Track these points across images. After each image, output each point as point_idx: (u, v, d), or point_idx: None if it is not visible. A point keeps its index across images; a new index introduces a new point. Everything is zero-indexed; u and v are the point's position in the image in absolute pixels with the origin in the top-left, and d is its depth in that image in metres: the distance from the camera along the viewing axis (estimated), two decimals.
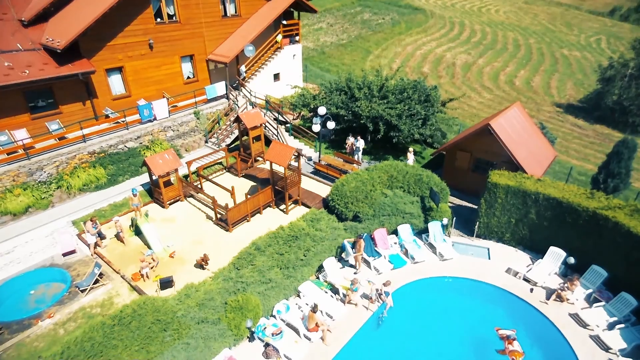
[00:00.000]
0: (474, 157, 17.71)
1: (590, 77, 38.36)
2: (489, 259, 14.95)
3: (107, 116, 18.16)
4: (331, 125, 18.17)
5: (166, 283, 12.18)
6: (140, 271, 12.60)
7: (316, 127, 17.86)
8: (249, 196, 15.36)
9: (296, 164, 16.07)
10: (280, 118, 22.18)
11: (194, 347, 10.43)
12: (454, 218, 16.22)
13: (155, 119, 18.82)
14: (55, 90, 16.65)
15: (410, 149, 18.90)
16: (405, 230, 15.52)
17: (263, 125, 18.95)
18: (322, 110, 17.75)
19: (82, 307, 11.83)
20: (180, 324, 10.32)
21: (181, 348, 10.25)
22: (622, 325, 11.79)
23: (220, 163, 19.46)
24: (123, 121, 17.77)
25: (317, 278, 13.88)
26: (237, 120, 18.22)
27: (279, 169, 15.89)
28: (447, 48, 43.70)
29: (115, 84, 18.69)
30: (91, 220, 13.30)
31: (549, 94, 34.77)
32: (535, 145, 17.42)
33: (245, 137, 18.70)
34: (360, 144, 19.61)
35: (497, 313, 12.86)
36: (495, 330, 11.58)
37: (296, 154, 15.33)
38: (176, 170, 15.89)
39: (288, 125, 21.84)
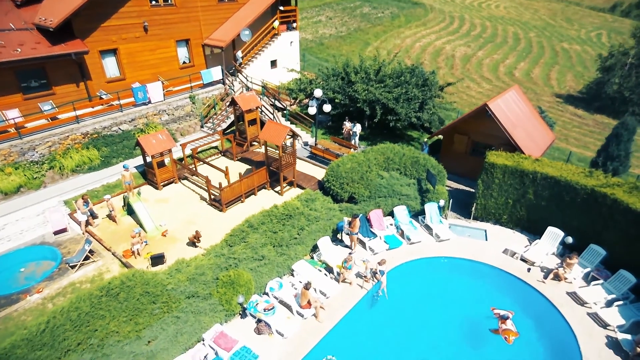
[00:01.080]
0: (471, 140, 17.51)
1: (590, 70, 38.10)
2: (486, 240, 14.76)
3: (100, 98, 17.98)
4: (327, 108, 17.97)
5: (157, 259, 12.00)
6: (131, 248, 12.42)
7: (312, 110, 17.68)
8: (243, 176, 15.16)
9: (291, 145, 15.85)
10: (278, 104, 21.99)
11: (183, 321, 10.26)
12: (451, 199, 16.03)
13: (149, 102, 18.64)
14: (48, 70, 16.48)
15: (425, 139, 18.37)
16: (401, 211, 15.32)
17: (259, 109, 18.76)
18: (318, 93, 17.56)
19: (71, 282, 11.65)
20: (169, 297, 10.14)
21: (170, 321, 10.07)
22: (621, 303, 11.60)
23: (216, 147, 19.28)
24: (117, 103, 17.55)
25: (312, 258, 13.70)
26: (233, 103, 18.02)
27: (274, 152, 15.70)
28: (447, 41, 43.50)
29: (110, 66, 18.52)
30: (82, 199, 13.12)
31: (549, 84, 34.57)
32: (533, 127, 17.22)
33: (240, 123, 18.53)
34: (357, 128, 19.40)
35: (493, 293, 12.66)
36: (491, 310, 11.40)
37: (291, 133, 15.14)
38: (170, 151, 15.70)
39: (285, 111, 21.65)
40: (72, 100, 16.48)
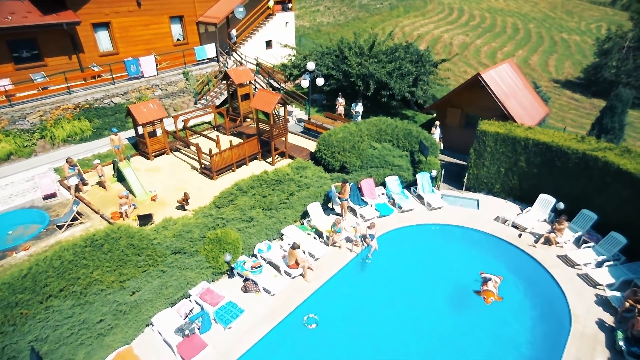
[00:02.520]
0: (464, 113, 17.43)
1: (589, 58, 37.83)
2: (478, 209, 14.68)
3: (93, 70, 17.94)
4: (320, 81, 17.91)
5: (145, 218, 11.94)
6: (119, 209, 12.37)
7: (305, 83, 17.61)
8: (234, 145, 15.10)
9: (282, 114, 15.79)
10: (273, 83, 21.93)
11: (169, 275, 10.21)
12: (443, 170, 15.95)
13: (142, 76, 18.59)
14: (40, 41, 16.44)
15: (437, 122, 17.65)
16: (393, 181, 15.24)
17: (252, 84, 18.69)
18: (310, 66, 17.49)
19: (58, 241, 11.59)
20: (155, 251, 10.08)
21: (155, 275, 10.02)
22: (611, 263, 11.52)
23: (209, 122, 19.22)
24: (109, 76, 17.50)
25: (302, 224, 13.62)
26: (225, 76, 17.96)
27: (266, 125, 15.63)
28: (445, 30, 43.38)
29: (103, 40, 18.48)
30: (67, 162, 13.07)
31: (547, 71, 34.47)
32: (527, 100, 17.12)
33: (234, 100, 18.47)
34: (359, 107, 19.20)
35: (484, 257, 12.56)
36: (480, 274, 11.34)
37: (282, 101, 15.07)
38: (161, 121, 15.65)
39: (280, 90, 21.58)
40: (64, 71, 16.42)
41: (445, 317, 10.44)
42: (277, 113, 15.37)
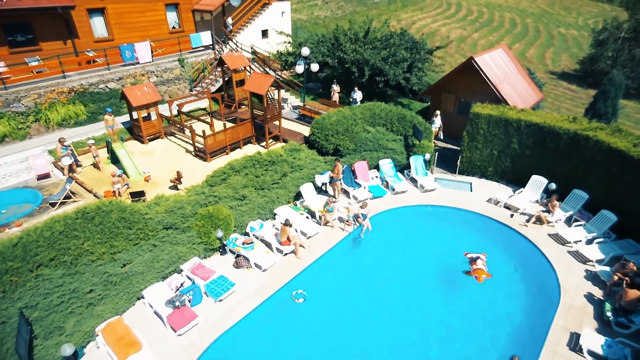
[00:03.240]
0: (458, 98, 17.47)
1: (586, 52, 37.91)
2: (471, 191, 14.73)
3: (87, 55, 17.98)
4: (315, 67, 17.94)
5: (137, 194, 11.98)
6: (112, 188, 12.41)
7: (299, 68, 17.64)
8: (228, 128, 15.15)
9: (276, 97, 15.83)
10: (269, 71, 21.96)
11: (160, 249, 10.26)
12: (437, 153, 16.00)
13: (138, 62, 18.62)
14: (35, 25, 16.47)
15: (437, 112, 17.62)
16: (386, 164, 15.30)
17: (247, 70, 18.73)
18: (305, 51, 17.52)
19: (51, 218, 11.61)
20: (146, 225, 10.10)
21: (147, 248, 10.06)
22: (601, 240, 11.57)
23: (204, 109, 19.25)
24: (104, 60, 17.53)
25: (295, 205, 13.67)
26: (220, 62, 17.99)
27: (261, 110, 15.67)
28: (442, 24, 43.43)
29: (98, 25, 18.51)
30: (59, 142, 13.11)
31: (543, 63, 34.52)
32: (520, 85, 17.17)
33: (229, 88, 18.47)
34: (358, 95, 19.20)
35: (476, 238, 12.59)
36: (464, 255, 11.28)
37: (276, 84, 15.11)
38: (155, 104, 15.68)
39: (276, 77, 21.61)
40: (59, 54, 16.45)
41: (436, 293, 10.48)
42: (271, 96, 15.40)
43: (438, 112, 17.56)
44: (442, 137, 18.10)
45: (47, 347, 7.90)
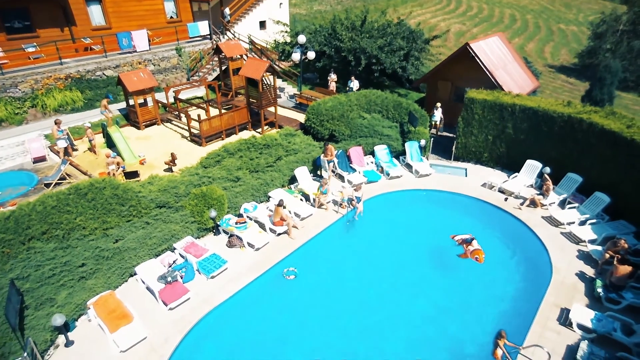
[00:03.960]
0: (454, 86, 17.48)
1: (585, 47, 37.96)
2: (466, 177, 14.75)
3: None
4: (311, 55, 17.99)
5: (131, 175, 12.03)
6: (107, 169, 12.46)
7: (295, 56, 17.68)
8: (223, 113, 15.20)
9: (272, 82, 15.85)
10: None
11: (153, 227, 10.30)
12: (432, 139, 16.00)
13: (135, 50, 18.68)
14: (32, 12, 16.55)
15: (438, 104, 17.31)
16: (381, 150, 15.31)
17: (243, 58, 18.76)
18: (302, 39, 17.57)
19: (44, 194, 11.67)
20: (139, 202, 10.15)
21: (140, 225, 10.11)
22: (594, 221, 11.58)
23: (201, 97, 19.30)
24: (100, 48, 17.59)
25: (290, 189, 13.70)
26: (217, 50, 18.03)
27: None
28: (442, 19, 43.44)
29: (95, 14, 18.58)
30: (55, 124, 13.17)
31: (542, 57, 34.48)
32: (516, 72, 17.18)
33: (226, 77, 18.50)
34: (355, 85, 19.23)
35: (470, 220, 12.60)
36: (451, 237, 11.24)
37: (271, 69, 15.15)
38: (151, 90, 15.74)
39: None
40: (55, 40, 16.53)
41: (428, 274, 10.43)
42: (266, 82, 15.44)
43: (439, 104, 17.28)
44: (442, 131, 17.83)
45: (38, 318, 7.94)
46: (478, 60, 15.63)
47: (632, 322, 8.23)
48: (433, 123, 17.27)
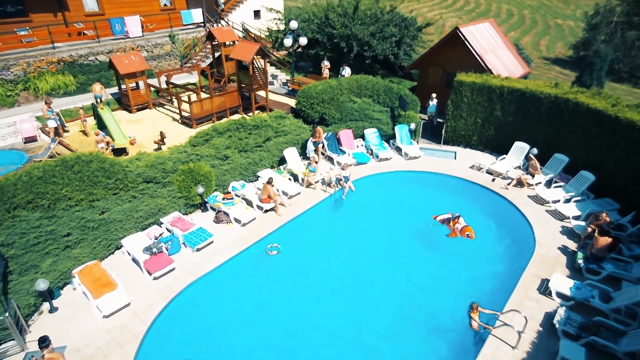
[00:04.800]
0: (445, 71, 17.55)
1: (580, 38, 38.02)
2: (455, 159, 14.83)
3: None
4: (303, 41, 18.05)
5: (119, 151, 12.10)
6: (96, 147, 12.54)
7: (287, 41, 17.75)
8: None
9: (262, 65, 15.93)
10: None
11: (140, 201, 10.38)
12: (422, 122, 16.05)
13: (128, 36, 18.75)
14: None
15: (433, 95, 16.71)
16: (371, 133, 15.39)
17: (236, 44, 18.81)
18: (293, 24, 17.63)
19: (31, 165, 11.75)
20: (126, 176, 10.22)
21: (126, 199, 10.19)
22: (579, 199, 11.67)
23: (194, 84, 19.37)
24: (93, 33, 17.67)
25: (279, 169, 13.78)
26: (210, 36, 18.11)
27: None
28: (438, 13, 43.48)
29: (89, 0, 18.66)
30: (46, 104, 13.25)
31: (538, 49, 34.56)
32: (507, 58, 17.26)
33: (219, 64, 18.57)
34: (347, 72, 19.30)
35: (457, 200, 12.68)
36: (433, 218, 11.27)
37: (261, 52, 15.23)
38: (143, 73, 15.82)
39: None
40: (48, 24, 16.60)
41: (414, 251, 10.49)
42: (257, 65, 15.52)
43: (434, 95, 16.76)
44: (434, 123, 17.08)
45: (22, 283, 8.03)
46: (467, 44, 15.69)
47: (610, 289, 8.32)
48: (428, 116, 17.02)
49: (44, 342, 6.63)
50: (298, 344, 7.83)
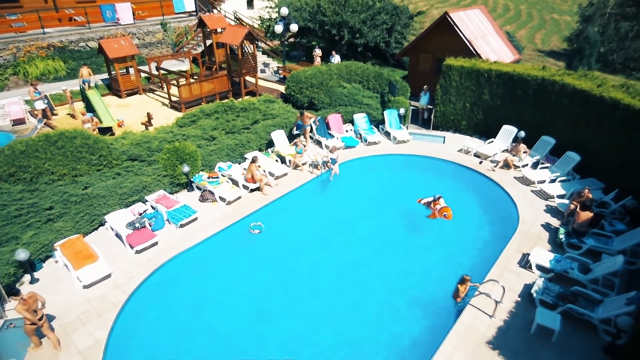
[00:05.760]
0: (436, 58, 17.55)
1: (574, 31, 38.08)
2: (444, 144, 14.85)
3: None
4: (294, 27, 18.04)
5: (105, 130, 12.11)
6: (82, 127, 12.55)
7: (278, 28, 17.73)
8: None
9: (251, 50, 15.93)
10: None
11: (124, 178, 10.38)
12: (411, 108, 16.07)
13: (119, 23, 18.74)
14: None
15: (425, 87, 16.21)
16: (360, 118, 15.41)
17: None
18: (284, 11, 17.62)
19: (14, 140, 11.75)
20: (110, 153, 10.22)
21: (110, 175, 10.19)
22: (564, 179, 11.71)
23: (185, 72, 19.36)
24: (83, 19, 17.66)
25: (267, 152, 13.79)
26: (201, 23, 18.10)
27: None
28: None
29: None
30: (32, 85, 13.25)
31: (533, 42, 34.57)
32: (497, 44, 17.27)
33: (211, 53, 18.53)
34: (336, 59, 19.31)
35: (443, 181, 12.70)
36: (418, 202, 11.18)
37: (250, 36, 15.23)
38: (133, 58, 15.82)
39: (258, 47, 21.72)
40: (39, 9, 16.59)
41: (399, 229, 10.49)
42: (246, 50, 15.52)
43: (426, 87, 16.06)
44: (426, 117, 16.48)
45: (2, 253, 8.03)
46: (457, 29, 15.70)
47: (589, 261, 8.35)
48: (420, 109, 16.90)
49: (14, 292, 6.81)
50: (268, 323, 7.68)
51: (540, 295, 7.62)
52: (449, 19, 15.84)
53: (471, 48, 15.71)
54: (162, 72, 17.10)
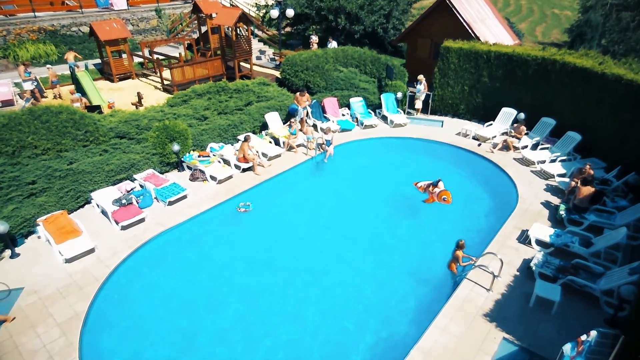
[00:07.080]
0: (434, 43, 17.24)
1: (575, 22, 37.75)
2: (442, 127, 14.55)
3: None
4: (290, 12, 17.77)
5: (93, 108, 11.82)
6: (71, 105, 12.23)
7: (274, 13, 17.44)
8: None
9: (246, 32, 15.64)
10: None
11: (111, 155, 10.09)
12: (408, 94, 15.76)
13: (112, 8, 18.47)
14: None
15: (420, 76, 15.10)
16: (357, 102, 15.10)
17: None
18: None
19: None
20: (97, 129, 9.92)
21: (97, 152, 9.89)
22: (565, 158, 11.40)
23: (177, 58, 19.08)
24: (75, 4, 17.40)
25: (261, 134, 13.49)
26: (195, 8, 17.80)
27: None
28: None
29: None
30: (23, 64, 12.96)
31: (533, 35, 34.26)
32: (497, 28, 16.97)
33: (206, 39, 18.21)
34: (333, 45, 19.02)
35: (442, 164, 12.42)
36: (414, 185, 10.99)
37: (245, 18, 14.94)
38: (125, 41, 15.53)
39: (254, 35, 21.43)
40: None
41: (393, 211, 10.13)
42: (241, 32, 15.24)
43: (421, 76, 15.04)
44: (419, 107, 15.49)
45: None
46: (455, 12, 15.41)
47: (591, 236, 8.04)
48: (415, 99, 16.42)
49: None
50: (250, 301, 7.36)
51: (539, 269, 7.31)
52: (448, 1, 15.52)
53: (470, 31, 15.42)
54: (155, 56, 16.78)
